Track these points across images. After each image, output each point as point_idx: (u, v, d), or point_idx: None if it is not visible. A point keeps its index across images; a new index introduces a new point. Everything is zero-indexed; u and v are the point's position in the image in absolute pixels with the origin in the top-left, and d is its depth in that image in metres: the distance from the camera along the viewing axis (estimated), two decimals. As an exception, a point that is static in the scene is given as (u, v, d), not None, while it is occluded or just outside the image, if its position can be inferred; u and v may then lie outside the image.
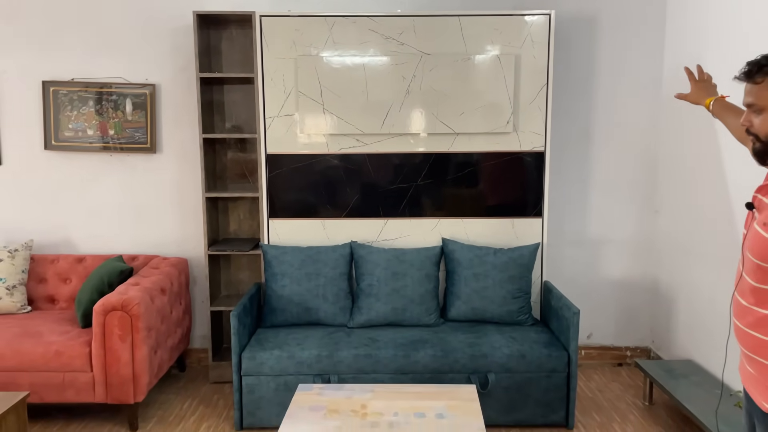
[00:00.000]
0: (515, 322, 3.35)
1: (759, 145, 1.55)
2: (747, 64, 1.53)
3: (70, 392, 2.99)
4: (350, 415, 2.33)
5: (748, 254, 1.52)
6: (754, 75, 1.51)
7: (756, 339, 1.54)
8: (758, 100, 1.51)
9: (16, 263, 3.49)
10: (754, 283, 1.52)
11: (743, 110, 1.62)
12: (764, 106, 1.50)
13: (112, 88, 3.67)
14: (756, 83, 1.50)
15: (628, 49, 3.68)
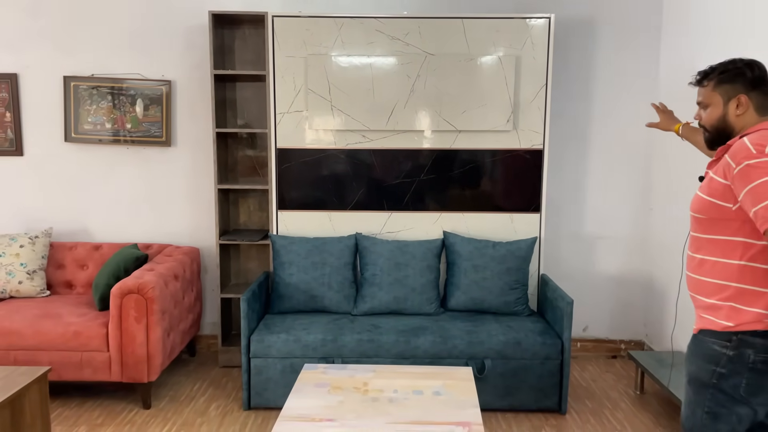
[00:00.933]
0: (512, 313, 3.49)
1: (707, 135, 2.01)
2: (698, 72, 2.00)
3: (87, 371, 3.15)
4: (353, 392, 2.48)
5: (691, 212, 1.94)
6: (702, 81, 1.98)
7: (694, 279, 1.93)
8: (705, 99, 1.97)
9: (36, 249, 3.66)
10: (693, 233, 1.95)
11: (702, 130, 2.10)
12: (709, 103, 1.96)
13: (129, 84, 3.84)
14: (704, 86, 1.97)
15: (625, 52, 3.82)
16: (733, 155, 1.80)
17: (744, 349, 1.79)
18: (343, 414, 2.29)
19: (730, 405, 1.83)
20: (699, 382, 1.89)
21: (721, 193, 1.82)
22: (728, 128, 1.93)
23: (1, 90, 3.86)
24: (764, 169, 1.72)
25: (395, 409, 2.33)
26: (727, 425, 1.84)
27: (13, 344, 3.14)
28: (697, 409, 1.89)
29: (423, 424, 2.21)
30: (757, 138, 1.80)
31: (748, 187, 1.73)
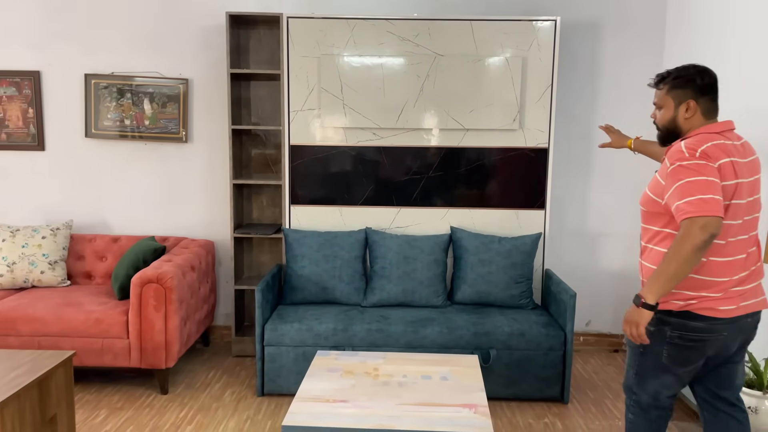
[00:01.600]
0: (517, 306, 3.60)
1: (659, 133, 2.24)
2: (656, 75, 2.22)
3: (107, 357, 3.29)
4: (364, 376, 2.60)
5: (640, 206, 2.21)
6: (659, 83, 2.20)
7: (640, 264, 2.21)
8: (659, 101, 2.20)
9: (57, 241, 3.80)
10: (642, 224, 2.22)
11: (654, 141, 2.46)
12: (663, 105, 2.18)
13: (148, 82, 3.97)
14: (660, 89, 2.19)
15: (629, 52, 3.92)
16: (670, 156, 2.05)
17: (662, 326, 2.09)
18: (356, 396, 2.41)
19: (655, 371, 2.15)
20: (632, 348, 2.22)
21: (658, 190, 2.08)
22: (677, 129, 2.15)
23: (25, 87, 4.00)
24: (693, 170, 1.96)
25: (405, 392, 2.45)
26: (652, 387, 2.18)
27: (38, 331, 3.28)
28: (630, 370, 2.25)
29: (431, 406, 2.33)
30: (692, 142, 2.03)
31: (676, 184, 1.98)
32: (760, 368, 2.51)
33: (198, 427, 2.99)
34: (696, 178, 1.95)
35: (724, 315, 2.03)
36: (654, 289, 1.98)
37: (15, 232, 3.76)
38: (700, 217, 1.90)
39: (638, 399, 2.23)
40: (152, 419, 3.06)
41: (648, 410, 2.23)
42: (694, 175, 1.95)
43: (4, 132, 4.05)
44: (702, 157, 1.98)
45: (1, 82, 3.99)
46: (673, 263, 1.94)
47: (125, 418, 3.07)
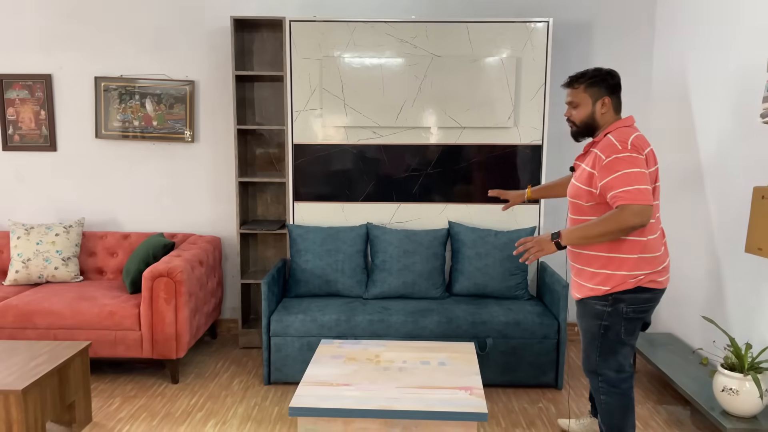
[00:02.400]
0: (513, 297, 3.74)
1: (575, 129, 2.48)
2: (569, 77, 2.46)
3: (120, 348, 3.43)
4: (366, 362, 2.74)
5: (569, 198, 2.45)
6: (573, 84, 2.43)
7: (574, 253, 2.48)
8: (576, 99, 2.43)
9: (70, 238, 3.95)
10: (571, 216, 2.47)
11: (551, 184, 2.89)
12: (579, 103, 2.42)
13: (156, 84, 4.12)
14: (574, 88, 2.43)
15: (620, 53, 4.06)
16: (603, 149, 2.28)
17: (618, 304, 2.36)
18: (358, 380, 2.55)
19: (615, 347, 2.42)
20: (590, 334, 2.47)
21: (589, 181, 2.31)
22: (594, 124, 2.41)
23: (37, 90, 4.15)
24: (628, 162, 2.21)
25: (404, 376, 2.59)
26: (615, 362, 2.43)
27: (54, 324, 3.43)
28: (592, 353, 2.48)
29: (430, 389, 2.47)
30: (619, 135, 2.28)
31: (614, 175, 2.21)
32: (741, 352, 2.65)
33: (208, 413, 3.13)
34: (631, 170, 2.20)
35: (662, 285, 2.40)
36: (572, 238, 2.32)
37: (29, 230, 3.90)
38: (636, 204, 2.17)
39: (605, 378, 2.47)
40: (164, 406, 3.21)
41: (617, 384, 2.46)
42: (629, 166, 2.21)
43: (18, 134, 4.20)
44: (633, 150, 2.24)
45: (14, 86, 4.14)
46: (596, 229, 2.25)
47: (138, 406, 3.21)
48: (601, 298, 2.39)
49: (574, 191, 2.42)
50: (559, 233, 2.34)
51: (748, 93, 2.96)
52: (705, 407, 2.77)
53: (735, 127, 3.10)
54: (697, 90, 3.50)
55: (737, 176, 3.05)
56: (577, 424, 2.92)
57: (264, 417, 3.09)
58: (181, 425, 3.00)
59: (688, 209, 3.56)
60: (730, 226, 3.10)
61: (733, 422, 2.62)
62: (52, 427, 2.94)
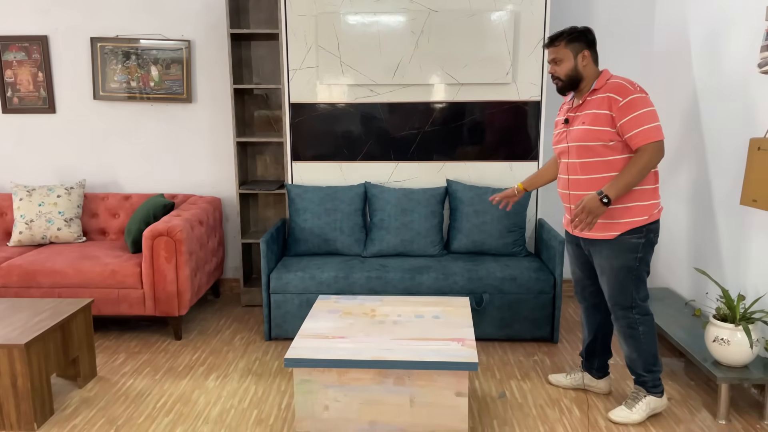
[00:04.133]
0: (510, 254, 3.77)
1: (561, 84, 2.56)
2: (548, 37, 2.56)
3: (123, 306, 3.50)
4: (361, 316, 2.79)
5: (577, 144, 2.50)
6: (554, 42, 2.54)
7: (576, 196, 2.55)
8: (558, 55, 2.53)
9: (72, 199, 3.99)
10: (582, 159, 2.51)
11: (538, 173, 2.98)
12: (562, 59, 2.53)
13: (152, 44, 4.10)
14: (555, 46, 2.54)
15: (621, 6, 3.98)
16: (617, 91, 2.42)
17: (650, 235, 2.52)
18: (353, 333, 2.60)
19: (644, 276, 2.57)
20: (626, 269, 2.53)
21: (608, 122, 2.43)
22: (578, 76, 2.53)
23: (33, 51, 4.14)
24: (643, 102, 2.39)
25: (399, 329, 2.64)
26: (644, 290, 2.58)
27: (58, 282, 3.49)
28: (628, 288, 2.55)
29: (423, 340, 2.52)
30: (623, 79, 2.46)
31: (635, 113, 2.37)
32: (733, 303, 2.67)
33: (210, 367, 3.21)
34: (647, 108, 2.39)
35: None
36: (616, 191, 2.38)
37: (31, 191, 3.94)
38: (659, 141, 2.39)
39: (640, 309, 2.57)
40: (168, 361, 3.29)
41: (648, 311, 2.60)
42: (645, 105, 2.39)
43: (16, 96, 4.20)
44: (643, 91, 2.43)
45: (11, 48, 4.13)
46: (636, 175, 2.39)
47: (142, 361, 3.30)
48: (637, 230, 2.49)
49: (590, 135, 2.48)
50: (605, 193, 2.38)
51: (746, 43, 2.91)
52: (698, 358, 2.80)
53: (733, 79, 3.05)
54: (696, 42, 3.44)
55: (735, 127, 3.02)
56: (567, 378, 2.97)
57: (264, 371, 3.16)
58: (183, 379, 3.08)
59: (685, 161, 3.53)
60: (726, 177, 3.09)
61: (724, 372, 2.65)
62: (58, 381, 3.02)
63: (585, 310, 2.87)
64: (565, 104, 2.71)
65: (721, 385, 2.64)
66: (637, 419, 2.62)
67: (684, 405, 2.80)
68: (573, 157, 2.56)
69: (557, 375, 3.03)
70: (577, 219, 2.43)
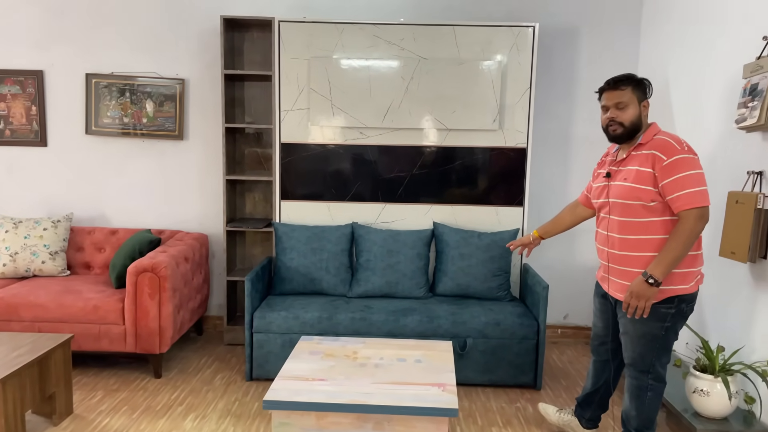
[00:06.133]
0: (495, 298, 3.78)
1: (623, 130, 2.42)
2: (612, 79, 2.45)
3: (104, 342, 3.46)
4: (343, 358, 2.77)
5: (617, 200, 2.41)
6: (620, 85, 2.42)
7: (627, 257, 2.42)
8: (624, 99, 2.40)
9: (58, 232, 3.98)
10: (621, 218, 2.41)
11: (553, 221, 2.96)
12: (627, 103, 2.40)
13: (146, 82, 4.16)
14: (621, 90, 2.41)
15: (605, 57, 4.11)
16: (662, 150, 2.31)
17: (681, 304, 2.39)
18: (334, 375, 2.59)
19: (670, 345, 2.46)
20: (650, 335, 2.42)
21: (650, 181, 2.32)
22: (639, 125, 2.42)
23: (28, 85, 4.19)
24: (689, 164, 2.26)
25: (380, 372, 2.63)
26: (666, 358, 2.47)
27: (39, 317, 3.46)
28: (648, 354, 2.44)
29: (403, 384, 2.51)
30: (672, 137, 2.34)
31: (678, 175, 2.25)
32: (712, 354, 2.68)
33: (189, 407, 3.17)
34: (692, 171, 2.26)
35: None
36: (662, 270, 2.26)
37: (18, 223, 3.94)
38: (697, 208, 2.24)
39: (656, 374, 2.47)
40: (146, 400, 3.24)
41: (663, 378, 2.49)
42: (690, 168, 2.26)
43: (9, 128, 4.23)
44: (690, 152, 2.30)
45: (6, 81, 4.18)
46: (681, 248, 2.25)
47: (120, 399, 3.24)
48: (669, 300, 2.37)
49: (631, 193, 2.36)
50: (650, 274, 2.27)
51: (726, 99, 3.00)
52: (678, 409, 2.81)
53: (712, 133, 3.14)
54: (678, 96, 3.55)
55: (715, 181, 3.08)
56: (556, 415, 2.95)
57: (243, 412, 3.12)
58: (160, 419, 3.03)
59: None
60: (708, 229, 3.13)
61: (704, 423, 2.65)
62: (32, 418, 2.97)
63: (595, 363, 2.81)
64: (609, 156, 2.60)
65: (701, 437, 2.63)
66: None
67: (665, 456, 2.79)
68: (613, 214, 2.45)
69: (548, 406, 3.03)
70: (629, 307, 2.35)
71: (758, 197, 2.61)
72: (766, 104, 2.57)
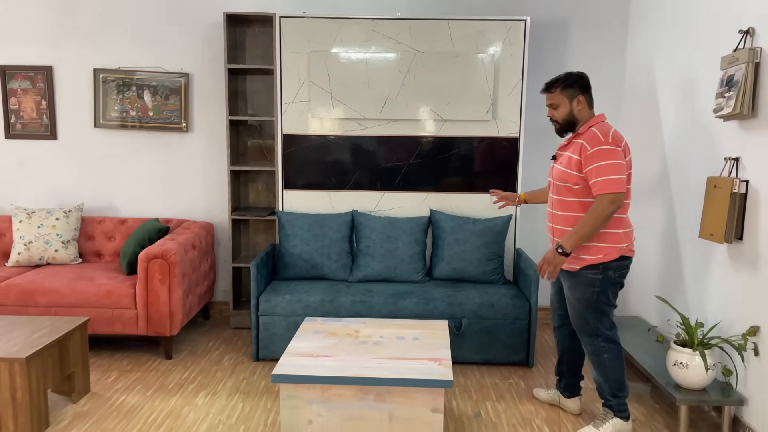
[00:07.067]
0: (489, 281, 3.95)
1: (559, 126, 2.80)
2: (545, 84, 2.79)
3: (117, 325, 3.64)
4: (345, 337, 2.95)
5: (554, 182, 2.78)
6: (550, 88, 2.77)
7: (563, 231, 2.75)
8: (554, 101, 2.76)
9: (69, 222, 4.14)
10: (556, 197, 2.78)
11: (537, 191, 3.24)
12: (558, 104, 2.75)
13: (152, 76, 4.31)
14: (551, 92, 2.77)
15: (594, 49, 4.26)
16: (588, 140, 2.63)
17: (607, 271, 2.70)
18: (337, 352, 2.76)
19: (607, 307, 2.76)
20: (585, 301, 2.76)
21: (578, 166, 2.65)
22: (574, 120, 2.75)
23: (38, 81, 4.33)
24: (607, 154, 2.57)
25: (380, 349, 2.81)
26: (608, 320, 2.77)
27: (54, 302, 3.63)
28: (589, 317, 2.77)
29: (402, 359, 2.68)
30: (602, 129, 2.64)
31: (596, 164, 2.58)
32: (692, 329, 2.86)
33: (199, 386, 3.34)
34: (609, 161, 2.57)
35: (633, 254, 2.79)
36: (572, 243, 2.63)
37: (31, 213, 4.10)
38: (610, 193, 2.56)
39: (604, 336, 2.77)
40: (158, 379, 3.42)
41: (614, 339, 2.78)
42: (608, 158, 2.57)
43: (20, 122, 4.39)
44: (613, 143, 2.60)
45: (17, 77, 4.33)
46: (590, 226, 2.60)
47: (134, 378, 3.42)
48: (593, 267, 2.70)
49: (561, 176, 2.74)
50: (560, 245, 2.64)
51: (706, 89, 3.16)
52: (660, 382, 2.98)
53: (693, 122, 3.30)
54: (662, 86, 3.71)
55: (696, 167, 3.25)
56: (545, 393, 3.18)
57: (251, 389, 3.30)
58: (173, 396, 3.21)
59: (654, 200, 3.76)
60: (690, 213, 3.31)
61: (684, 394, 2.83)
62: (53, 396, 3.15)
63: (554, 331, 3.11)
64: None
65: (681, 407, 2.82)
66: None
67: (647, 426, 2.97)
68: (553, 193, 2.83)
69: (539, 389, 3.25)
70: (541, 271, 2.71)
71: (734, 182, 2.78)
72: (741, 94, 2.73)
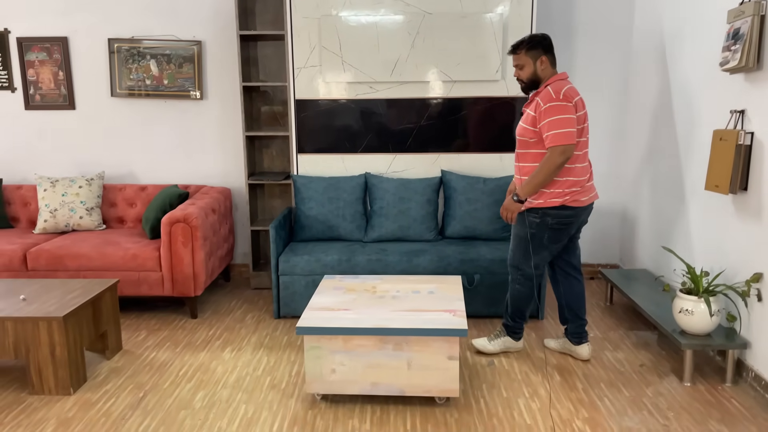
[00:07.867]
0: (500, 238, 4.07)
1: (524, 85, 3.00)
2: (511, 46, 2.99)
3: (143, 287, 3.80)
4: (364, 292, 3.09)
5: (517, 137, 3.02)
6: (516, 50, 2.97)
7: (521, 180, 3.02)
8: (519, 61, 2.96)
9: (92, 190, 4.28)
10: (518, 150, 3.03)
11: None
12: (523, 64, 2.95)
13: (165, 44, 4.38)
14: (517, 54, 2.96)
15: (602, 7, 4.27)
16: (542, 98, 2.85)
17: (545, 217, 2.96)
18: (356, 306, 2.90)
19: (538, 249, 3.04)
20: (519, 237, 3.07)
21: (533, 122, 2.89)
22: (537, 79, 2.95)
23: (55, 52, 4.42)
24: (559, 109, 2.79)
25: (397, 302, 2.94)
26: (533, 260, 3.05)
27: (83, 266, 3.79)
28: (517, 252, 3.11)
29: (418, 311, 2.82)
30: (555, 87, 2.84)
31: (548, 119, 2.81)
32: (697, 277, 2.97)
33: (225, 342, 3.51)
34: (560, 116, 2.79)
35: (583, 204, 2.98)
36: (526, 192, 2.91)
37: (55, 182, 4.24)
38: (560, 145, 2.79)
39: (524, 273, 3.12)
40: (186, 337, 3.59)
41: (531, 278, 3.13)
42: (559, 113, 2.79)
43: (38, 93, 4.49)
44: (564, 99, 2.81)
45: (34, 48, 4.42)
46: (540, 176, 2.85)
47: (162, 336, 3.60)
48: (533, 210, 2.97)
49: (521, 131, 2.99)
50: (515, 193, 2.94)
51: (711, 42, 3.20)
52: (666, 329, 3.11)
53: (700, 76, 3.35)
54: (670, 40, 3.74)
55: (702, 121, 3.32)
56: (555, 342, 3.32)
57: (275, 344, 3.47)
58: (201, 351, 3.39)
59: (660, 151, 3.84)
60: (695, 165, 3.39)
61: (689, 339, 2.96)
62: (88, 354, 3.32)
63: (550, 280, 3.34)
64: None
65: (686, 351, 2.95)
66: (492, 350, 3.27)
67: (654, 371, 3.11)
68: (517, 147, 3.06)
69: (549, 339, 3.41)
70: (503, 217, 3.01)
71: (739, 134, 2.85)
72: (747, 47, 2.78)
